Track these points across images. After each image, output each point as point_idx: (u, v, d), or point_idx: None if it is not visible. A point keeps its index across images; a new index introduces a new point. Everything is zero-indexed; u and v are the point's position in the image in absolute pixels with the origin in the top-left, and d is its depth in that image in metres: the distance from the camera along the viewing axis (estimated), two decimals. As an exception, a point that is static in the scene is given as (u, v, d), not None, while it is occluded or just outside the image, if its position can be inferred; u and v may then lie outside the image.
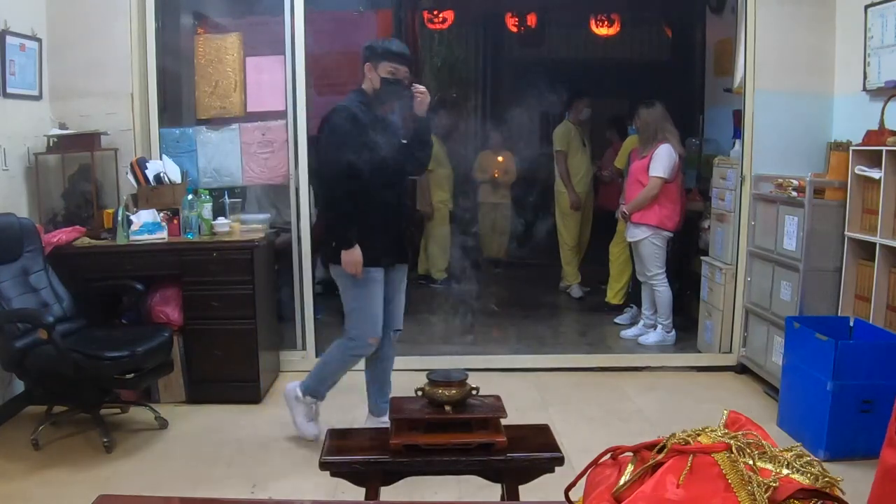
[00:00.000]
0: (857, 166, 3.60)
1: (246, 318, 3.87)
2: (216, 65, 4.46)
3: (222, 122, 4.46)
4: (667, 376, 4.41)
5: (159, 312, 3.85)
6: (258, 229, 4.18)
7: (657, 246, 4.77)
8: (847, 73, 4.10)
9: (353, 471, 2.09)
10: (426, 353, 4.48)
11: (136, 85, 4.22)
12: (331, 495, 2.70)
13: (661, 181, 4.66)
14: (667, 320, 4.84)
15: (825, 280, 3.77)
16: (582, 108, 5.87)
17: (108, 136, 4.11)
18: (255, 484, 3.04)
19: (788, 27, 4.23)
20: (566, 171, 5.87)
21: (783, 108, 4.25)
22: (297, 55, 4.29)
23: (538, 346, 4.85)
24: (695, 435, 0.96)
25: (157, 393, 3.91)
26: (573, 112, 5.91)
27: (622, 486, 0.96)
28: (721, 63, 5.51)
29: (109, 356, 3.22)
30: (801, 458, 0.90)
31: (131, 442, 3.46)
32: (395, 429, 2.12)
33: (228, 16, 4.77)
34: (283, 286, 4.56)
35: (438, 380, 2.12)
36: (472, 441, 2.09)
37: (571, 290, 6.13)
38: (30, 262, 3.54)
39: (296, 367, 4.46)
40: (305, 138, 4.34)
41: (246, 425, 3.65)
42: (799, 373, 3.43)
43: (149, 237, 3.89)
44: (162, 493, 2.88)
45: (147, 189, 4.05)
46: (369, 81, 3.23)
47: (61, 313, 3.50)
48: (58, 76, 4.15)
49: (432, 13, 7.04)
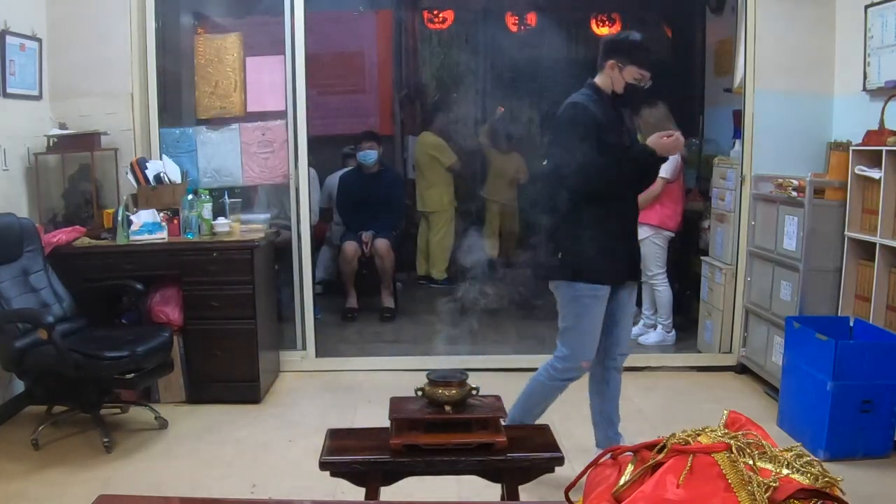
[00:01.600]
0: (857, 166, 3.60)
1: (246, 318, 3.87)
2: (216, 65, 4.46)
3: (222, 122, 4.46)
4: (667, 376, 4.41)
5: (159, 312, 3.85)
6: (258, 229, 4.18)
7: (658, 246, 4.77)
8: (847, 73, 4.10)
9: (353, 471, 2.09)
10: (426, 353, 4.48)
11: (136, 85, 4.22)
12: (331, 495, 2.70)
13: (663, 181, 4.66)
14: (667, 320, 4.84)
15: (825, 280, 3.77)
16: None
17: (108, 136, 4.11)
18: (255, 484, 3.04)
19: (788, 27, 4.23)
20: None
21: (783, 108, 4.25)
22: (297, 55, 4.29)
23: (538, 346, 4.84)
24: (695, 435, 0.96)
25: (157, 393, 3.91)
26: None
27: (622, 486, 0.96)
28: (721, 63, 5.51)
29: (109, 356, 3.22)
30: (801, 458, 0.90)
31: (131, 442, 3.46)
32: (395, 429, 2.12)
33: (228, 16, 4.77)
34: (283, 286, 4.56)
35: (438, 380, 2.12)
36: (472, 441, 2.09)
37: None
38: (30, 262, 3.54)
39: (296, 367, 4.46)
40: (305, 138, 4.35)
41: (246, 425, 3.65)
42: (799, 373, 3.43)
43: (149, 237, 3.89)
44: (162, 493, 2.88)
45: (147, 189, 4.05)
46: (608, 79, 2.88)
47: (61, 313, 3.50)
48: (58, 76, 4.15)
49: (432, 13, 7.03)
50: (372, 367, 4.51)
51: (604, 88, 2.89)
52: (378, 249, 5.43)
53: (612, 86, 2.88)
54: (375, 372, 4.44)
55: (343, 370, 4.48)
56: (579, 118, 2.80)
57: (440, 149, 6.16)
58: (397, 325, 5.41)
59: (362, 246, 5.47)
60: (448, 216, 6.27)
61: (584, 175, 2.74)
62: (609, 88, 2.88)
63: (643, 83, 2.87)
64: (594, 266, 2.83)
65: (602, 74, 2.89)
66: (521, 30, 7.29)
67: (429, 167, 6.18)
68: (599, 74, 2.91)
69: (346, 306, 5.56)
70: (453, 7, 7.01)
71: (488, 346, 4.74)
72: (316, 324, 4.58)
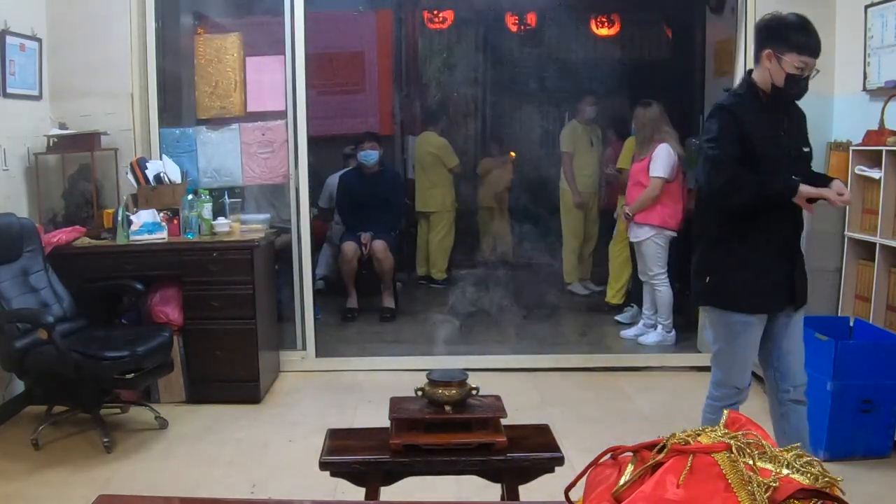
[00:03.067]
0: (857, 166, 3.60)
1: (246, 318, 3.87)
2: (216, 65, 4.46)
3: (222, 122, 4.46)
4: (667, 376, 4.41)
5: (159, 312, 3.85)
6: (258, 229, 4.18)
7: (660, 246, 4.78)
8: (847, 73, 4.09)
9: (353, 471, 2.08)
10: (426, 353, 4.48)
11: (136, 85, 4.22)
12: (331, 495, 2.70)
13: (661, 181, 4.67)
14: (667, 320, 4.84)
15: (825, 280, 3.77)
16: (585, 108, 5.88)
17: (108, 136, 4.11)
18: (255, 484, 3.04)
19: (788, 27, 4.23)
20: (571, 172, 5.89)
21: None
22: (297, 55, 4.29)
23: (538, 346, 4.85)
24: (695, 435, 0.96)
25: (157, 393, 3.91)
26: (577, 112, 5.95)
27: (622, 486, 0.96)
28: (721, 63, 5.51)
29: (109, 356, 3.23)
30: (801, 458, 0.90)
31: (131, 442, 3.46)
32: (394, 429, 2.12)
33: (228, 16, 4.77)
34: (283, 286, 4.56)
35: (438, 380, 2.12)
36: (472, 441, 2.09)
37: (574, 288, 6.13)
38: (30, 262, 3.54)
39: (296, 367, 4.46)
40: (305, 138, 4.35)
41: (246, 425, 3.65)
42: (799, 373, 3.42)
43: (149, 237, 3.89)
44: (162, 493, 2.88)
45: (147, 189, 4.05)
46: (765, 72, 2.46)
47: (61, 313, 3.50)
48: (58, 76, 4.15)
49: (432, 13, 7.04)
50: (372, 367, 4.51)
51: (761, 84, 2.49)
52: (376, 251, 5.43)
53: (772, 79, 2.45)
54: (375, 372, 4.44)
55: (343, 370, 4.48)
56: (716, 125, 2.47)
57: (443, 149, 6.17)
58: (397, 325, 5.41)
59: (361, 247, 5.47)
60: (449, 217, 6.28)
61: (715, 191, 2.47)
62: (767, 83, 2.47)
63: (807, 72, 2.43)
64: (743, 292, 2.52)
65: (759, 68, 2.49)
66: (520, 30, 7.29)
67: (432, 167, 6.18)
68: (756, 68, 2.51)
69: (346, 306, 5.56)
70: (453, 7, 7.01)
71: (488, 346, 4.74)
72: (316, 324, 4.58)
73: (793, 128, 2.56)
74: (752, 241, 2.51)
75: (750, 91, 2.52)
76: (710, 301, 2.64)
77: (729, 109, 2.48)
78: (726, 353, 2.63)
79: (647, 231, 4.76)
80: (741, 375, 2.62)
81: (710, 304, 2.65)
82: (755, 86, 2.51)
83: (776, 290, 2.55)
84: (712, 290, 2.60)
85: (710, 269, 2.60)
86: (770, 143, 2.47)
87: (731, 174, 2.42)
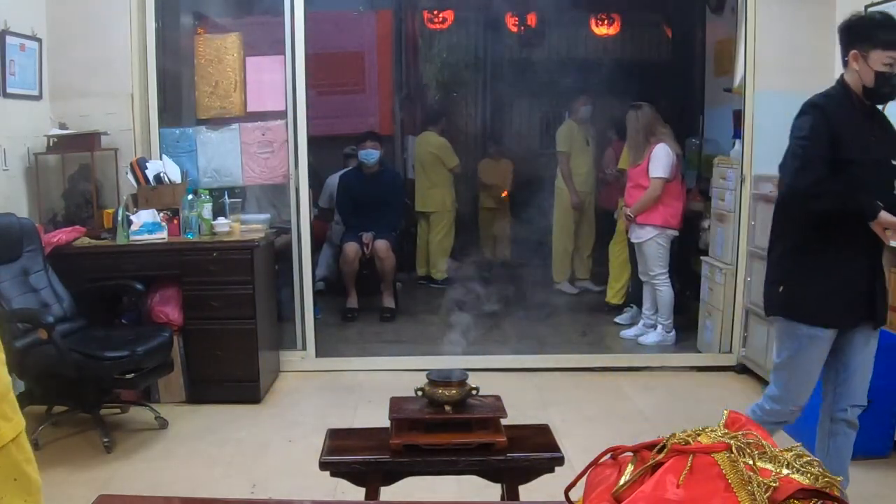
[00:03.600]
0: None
1: (246, 318, 3.87)
2: (216, 65, 4.46)
3: (222, 122, 4.46)
4: (667, 376, 4.41)
5: (159, 312, 3.85)
6: (258, 229, 4.18)
7: (662, 246, 4.78)
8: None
9: (353, 471, 2.09)
10: (426, 353, 4.48)
11: (136, 85, 4.22)
12: (331, 495, 2.70)
13: (662, 181, 4.67)
14: (667, 320, 4.84)
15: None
16: (580, 107, 5.88)
17: (108, 136, 4.11)
18: (255, 484, 3.04)
19: (788, 27, 4.23)
20: (568, 172, 5.88)
21: (783, 108, 4.21)
22: (297, 55, 4.29)
23: (538, 346, 4.84)
24: (695, 435, 0.96)
25: (157, 393, 3.91)
26: (572, 111, 5.94)
27: (622, 486, 0.96)
28: (721, 63, 5.51)
29: (109, 356, 3.23)
30: (801, 458, 0.90)
31: (131, 442, 3.46)
32: (395, 429, 2.12)
33: (228, 16, 4.77)
34: (283, 286, 4.56)
35: (438, 380, 2.12)
36: (472, 441, 2.09)
37: (562, 287, 6.12)
38: (30, 262, 3.54)
39: (296, 367, 4.46)
40: (305, 138, 4.34)
41: (246, 425, 3.65)
42: (799, 373, 3.42)
43: (149, 237, 3.89)
44: (162, 493, 2.88)
45: (147, 189, 4.05)
46: (854, 74, 2.40)
47: (61, 313, 3.49)
48: (58, 76, 4.15)
49: (432, 13, 7.04)
50: (372, 367, 4.51)
51: (852, 86, 2.42)
52: (378, 251, 5.44)
53: (861, 80, 2.39)
54: (375, 372, 4.44)
55: (343, 370, 4.48)
56: (808, 123, 2.39)
57: (444, 149, 6.17)
58: (397, 325, 5.41)
59: (363, 247, 5.47)
60: (449, 217, 6.28)
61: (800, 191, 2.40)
62: (858, 85, 2.40)
63: None
64: (816, 304, 2.43)
65: (848, 71, 2.43)
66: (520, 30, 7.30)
67: (432, 167, 6.18)
68: (845, 71, 2.45)
69: (347, 306, 5.56)
70: (453, 7, 7.01)
71: (488, 346, 4.74)
72: (316, 324, 4.58)
73: (883, 136, 2.48)
74: (834, 251, 2.41)
75: (842, 92, 2.44)
76: (781, 311, 2.53)
77: (822, 108, 2.40)
78: (788, 366, 2.53)
79: (649, 231, 4.76)
80: (798, 392, 2.52)
81: (780, 315, 2.54)
82: (848, 87, 2.43)
83: (853, 306, 2.44)
84: (785, 300, 2.50)
85: (785, 279, 2.51)
86: (860, 149, 2.39)
87: (818, 177, 2.34)
